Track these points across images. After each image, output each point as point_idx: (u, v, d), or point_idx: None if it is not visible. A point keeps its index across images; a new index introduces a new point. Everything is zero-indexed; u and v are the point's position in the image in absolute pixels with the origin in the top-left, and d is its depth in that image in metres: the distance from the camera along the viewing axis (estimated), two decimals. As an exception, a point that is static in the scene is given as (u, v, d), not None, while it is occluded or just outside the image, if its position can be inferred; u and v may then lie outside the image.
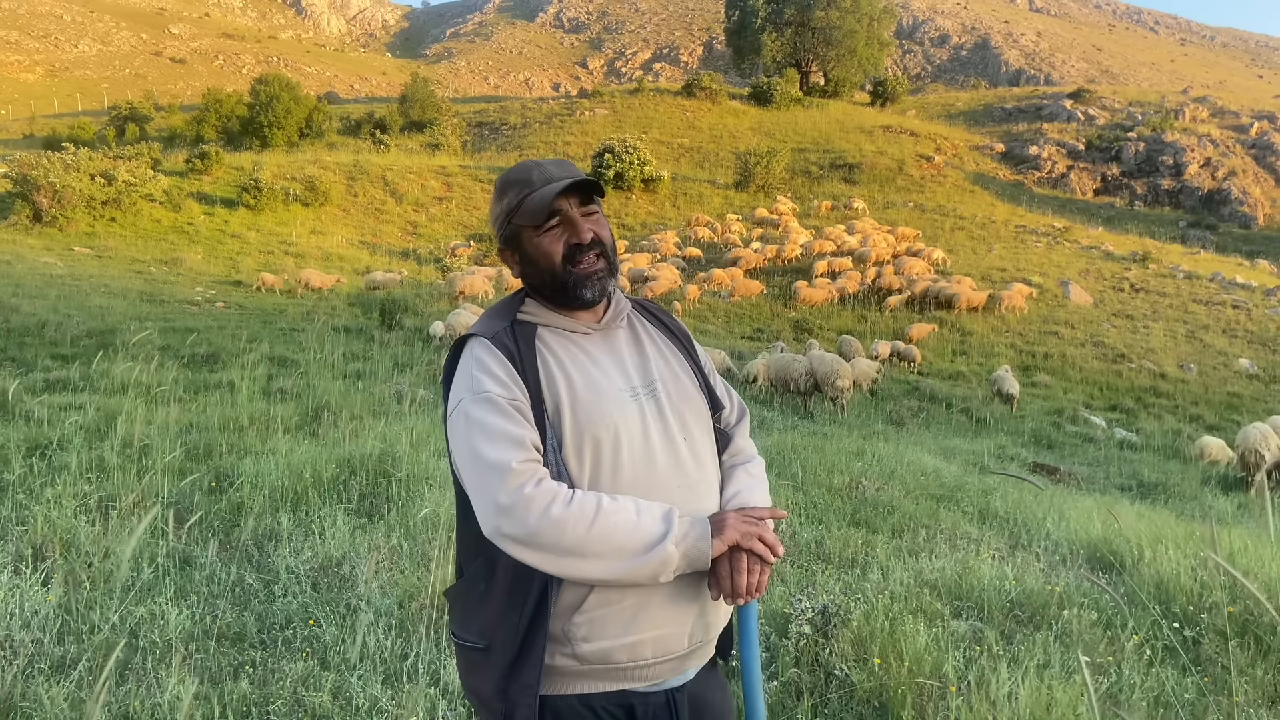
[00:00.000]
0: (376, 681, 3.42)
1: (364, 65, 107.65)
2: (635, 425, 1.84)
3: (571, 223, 1.89)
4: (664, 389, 1.92)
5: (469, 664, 1.87)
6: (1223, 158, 45.57)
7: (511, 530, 1.67)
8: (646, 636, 1.78)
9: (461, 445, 1.78)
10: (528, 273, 1.94)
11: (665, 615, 1.80)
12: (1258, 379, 21.11)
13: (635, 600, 1.77)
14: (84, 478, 5.51)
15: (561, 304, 1.92)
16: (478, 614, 1.82)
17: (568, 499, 1.68)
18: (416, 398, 9.92)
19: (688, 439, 1.90)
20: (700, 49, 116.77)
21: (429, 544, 4.72)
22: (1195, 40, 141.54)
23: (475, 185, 36.91)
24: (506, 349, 1.83)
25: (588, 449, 1.79)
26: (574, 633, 1.76)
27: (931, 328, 22.99)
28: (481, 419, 1.75)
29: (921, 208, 38.04)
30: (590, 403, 1.81)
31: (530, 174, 1.91)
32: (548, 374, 1.83)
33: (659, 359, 1.98)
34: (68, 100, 72.25)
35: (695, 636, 1.86)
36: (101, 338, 12.60)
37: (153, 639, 3.60)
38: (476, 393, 1.78)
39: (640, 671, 1.81)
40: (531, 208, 1.87)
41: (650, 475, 1.82)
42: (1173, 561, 5.15)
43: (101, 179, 27.69)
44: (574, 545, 1.66)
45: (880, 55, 60.73)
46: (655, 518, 1.72)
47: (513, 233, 1.93)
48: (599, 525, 1.67)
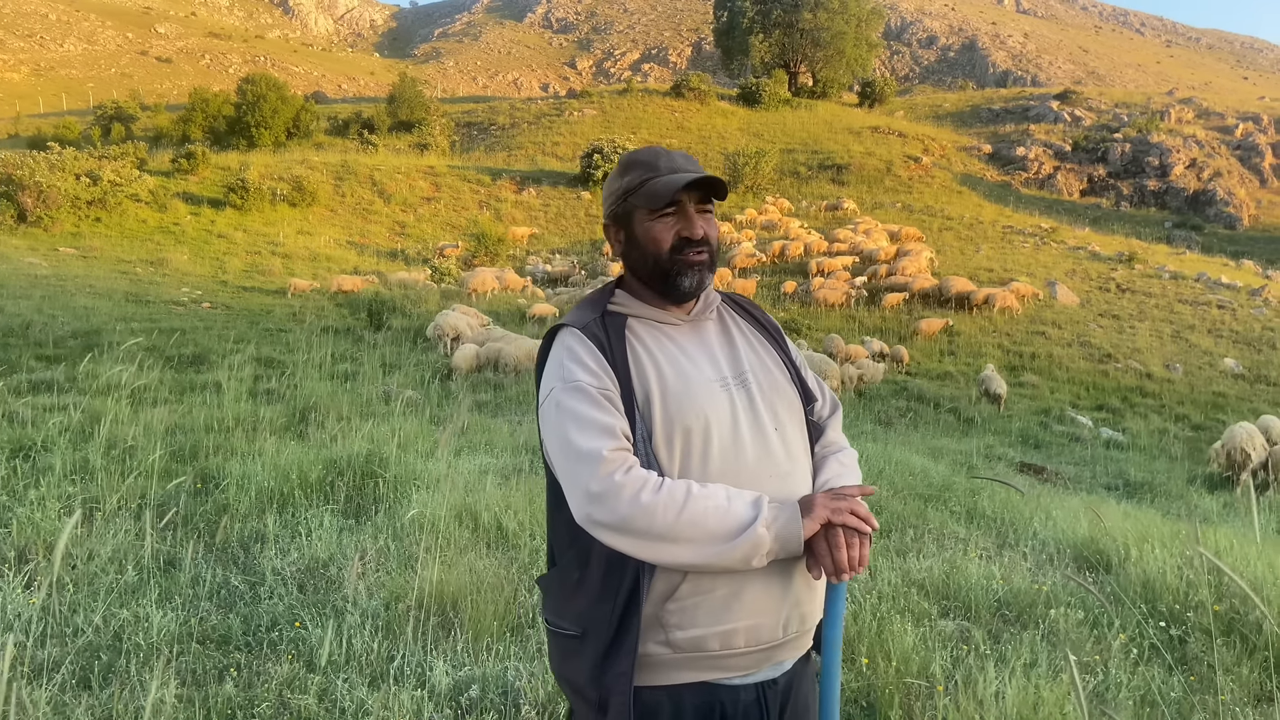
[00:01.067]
0: (363, 684, 3.40)
1: (352, 65, 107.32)
2: (725, 415, 1.85)
3: (687, 216, 1.92)
4: (755, 380, 1.94)
5: (563, 651, 1.88)
6: (1208, 159, 45.83)
7: (603, 517, 1.69)
8: (740, 625, 1.79)
9: (553, 434, 1.80)
10: (631, 254, 1.96)
11: (759, 604, 1.81)
12: (1243, 379, 21.23)
13: (728, 589, 1.78)
14: (68, 479, 5.48)
15: (657, 292, 1.95)
16: (572, 601, 1.85)
17: (657, 486, 1.70)
18: (404, 398, 9.89)
19: (779, 429, 1.91)
20: (689, 50, 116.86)
21: (416, 545, 4.71)
22: (1181, 42, 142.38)
23: (463, 185, 36.82)
24: (597, 339, 1.86)
25: (678, 438, 1.81)
26: (667, 620, 1.78)
27: (944, 322, 23.09)
28: (573, 408, 1.78)
29: (909, 208, 38.14)
30: (680, 393, 1.83)
31: (658, 159, 1.93)
32: (637, 364, 1.86)
33: (749, 351, 2.00)
34: (53, 100, 71.80)
35: (790, 627, 1.86)
36: (86, 339, 12.52)
37: (136, 641, 3.57)
38: (568, 381, 1.81)
39: (732, 660, 1.82)
40: (653, 192, 1.89)
41: (740, 465, 1.83)
42: (1159, 560, 5.17)
43: (87, 179, 27.51)
44: (664, 531, 1.67)
45: (868, 56, 60.79)
46: (745, 503, 1.73)
47: (625, 211, 1.95)
48: (689, 510, 1.68)
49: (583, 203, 36.13)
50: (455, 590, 4.10)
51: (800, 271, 27.76)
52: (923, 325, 22.80)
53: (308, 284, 22.73)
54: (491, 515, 5.20)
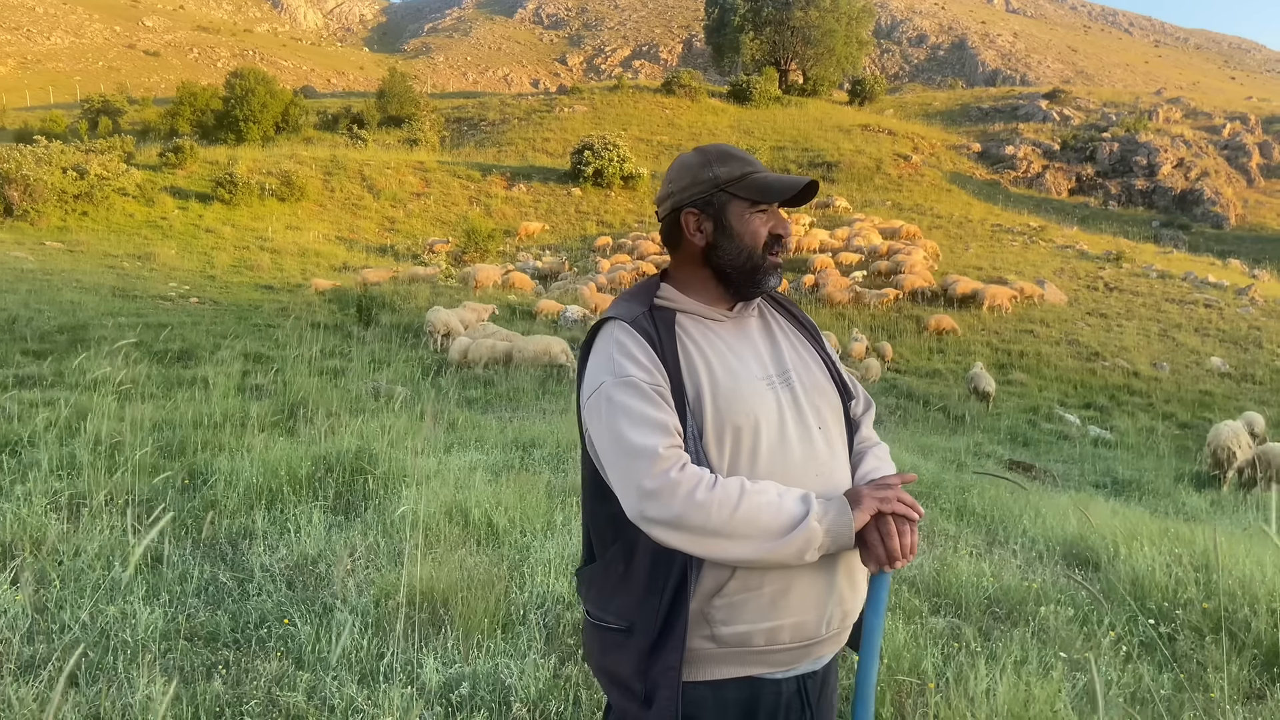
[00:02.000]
0: (352, 681, 3.38)
1: (341, 60, 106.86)
2: (773, 414, 1.86)
3: (778, 215, 1.96)
4: (798, 378, 1.95)
5: (606, 645, 1.87)
6: (1195, 158, 46.05)
7: (657, 514, 1.68)
8: (786, 622, 1.81)
9: (603, 428, 1.78)
10: (723, 245, 1.93)
11: (805, 601, 1.82)
12: (1229, 377, 21.35)
13: (776, 586, 1.79)
14: (54, 475, 5.43)
15: (735, 286, 1.95)
16: (617, 595, 1.84)
17: (711, 483, 1.70)
18: (394, 394, 9.86)
19: (822, 428, 1.93)
20: (680, 47, 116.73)
21: (406, 542, 4.69)
22: (1169, 42, 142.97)
23: (453, 181, 36.71)
24: (647, 333, 1.84)
25: (728, 437, 1.81)
26: (713, 615, 1.79)
27: (950, 320, 23.18)
28: (625, 403, 1.76)
29: (899, 206, 38.21)
30: (730, 391, 1.83)
31: (750, 158, 1.95)
32: (688, 360, 1.85)
33: (790, 349, 2.00)
34: (40, 93, 71.26)
35: (833, 623, 1.88)
36: (73, 333, 12.44)
37: (124, 638, 3.54)
38: (619, 376, 1.79)
39: (776, 656, 1.83)
40: (766, 186, 1.91)
41: (787, 463, 1.84)
42: (1148, 558, 5.19)
43: (74, 172, 27.31)
44: (719, 527, 1.67)
45: (858, 54, 60.86)
46: (795, 498, 1.74)
47: (720, 202, 1.93)
48: (743, 507, 1.68)
49: (573, 199, 36.07)
50: (445, 587, 4.08)
51: (804, 269, 27.73)
52: (931, 321, 22.98)
53: (329, 283, 22.65)
54: (482, 512, 5.19)
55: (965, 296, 25.08)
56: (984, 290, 25.23)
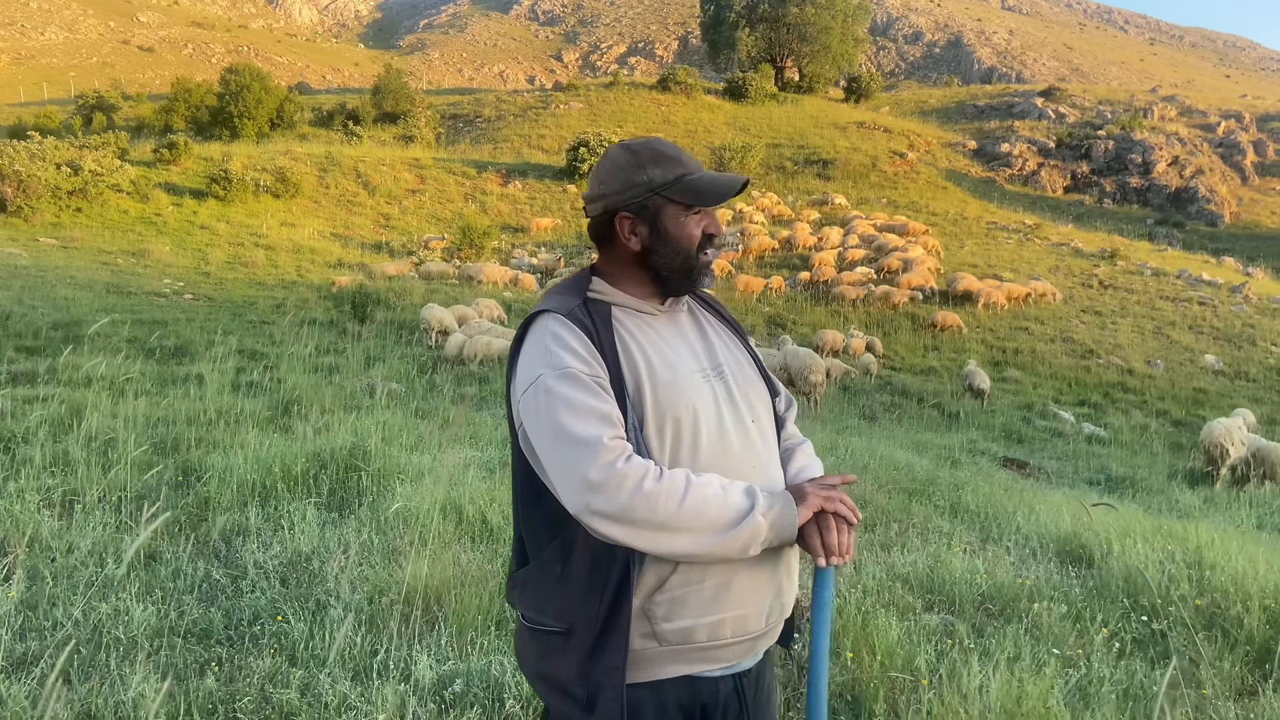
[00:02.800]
0: (346, 678, 3.37)
1: (336, 56, 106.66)
2: (710, 406, 1.86)
3: (711, 215, 1.95)
4: (730, 372, 1.96)
5: (544, 649, 1.84)
6: (1190, 156, 46.10)
7: (603, 506, 1.65)
8: (728, 615, 1.80)
9: (542, 422, 1.74)
10: (656, 249, 1.92)
11: (746, 594, 1.82)
12: (1223, 375, 21.40)
13: (718, 579, 1.79)
14: (47, 471, 5.42)
15: (669, 285, 1.95)
16: (556, 597, 1.81)
17: (657, 475, 1.68)
18: (388, 391, 9.84)
19: (755, 421, 1.94)
20: (675, 43, 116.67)
21: (400, 539, 4.68)
22: (1164, 40, 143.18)
23: (448, 178, 36.66)
24: (583, 325, 1.82)
25: (669, 428, 1.80)
26: (655, 611, 1.77)
27: (958, 320, 23.22)
28: (565, 394, 1.73)
29: (895, 204, 38.23)
30: (669, 383, 1.83)
31: (682, 155, 1.93)
32: (626, 353, 1.84)
33: (721, 344, 2.02)
34: (33, 88, 71.02)
35: (771, 617, 1.89)
36: (67, 330, 12.40)
37: (116, 635, 3.53)
38: (558, 368, 1.75)
39: (718, 652, 1.82)
40: (700, 190, 1.90)
41: (726, 455, 1.84)
42: (1140, 555, 5.20)
43: (68, 168, 27.23)
44: (666, 520, 1.66)
45: (854, 52, 60.85)
46: (740, 492, 1.74)
47: (655, 205, 1.91)
48: (690, 500, 1.67)
49: (568, 196, 36.03)
50: (439, 584, 4.07)
51: (804, 266, 27.75)
52: (939, 317, 23.11)
53: (349, 279, 22.80)
54: (476, 509, 5.18)
55: (964, 294, 25.12)
56: (999, 288, 25.45)
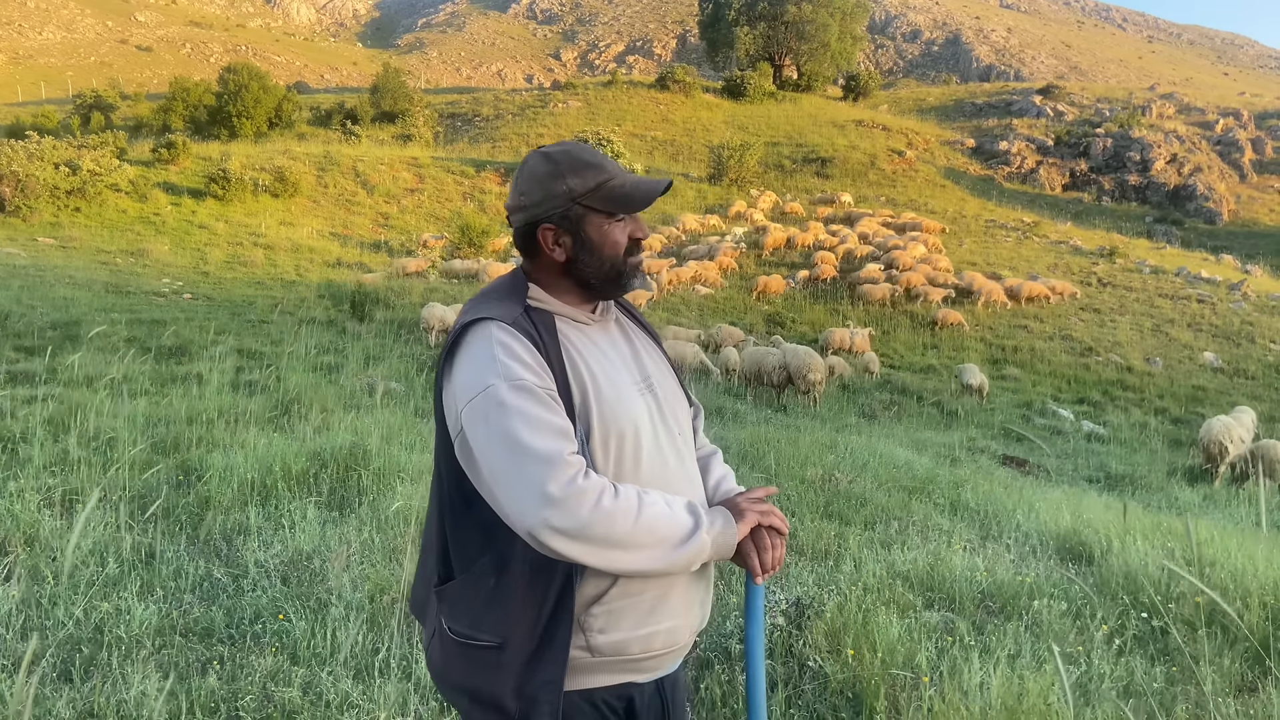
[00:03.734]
0: (347, 676, 3.38)
1: (334, 55, 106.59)
2: (646, 421, 1.86)
3: (637, 219, 1.93)
4: (658, 385, 1.95)
5: (474, 663, 1.77)
6: (1189, 154, 46.12)
7: (562, 523, 1.61)
8: (661, 628, 1.81)
9: (494, 434, 1.67)
10: (583, 259, 1.87)
11: (680, 606, 1.84)
12: (1222, 372, 21.42)
13: (656, 592, 1.79)
14: (47, 471, 5.42)
15: (599, 292, 1.92)
16: (489, 610, 1.76)
17: (614, 491, 1.67)
18: (388, 390, 9.84)
19: (682, 434, 1.95)
20: (674, 42, 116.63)
21: (401, 537, 4.69)
22: (1163, 38, 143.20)
23: (447, 177, 36.64)
24: (530, 335, 1.77)
25: (613, 443, 1.79)
26: (590, 624, 1.76)
27: (959, 317, 23.26)
28: (521, 407, 1.67)
29: (893, 202, 38.24)
30: (613, 399, 1.81)
31: (603, 161, 1.89)
32: (572, 365, 1.80)
33: (647, 355, 2.00)
34: (31, 88, 70.94)
35: (695, 627, 1.91)
36: (66, 329, 12.39)
37: (118, 634, 3.54)
38: (510, 379, 1.69)
39: (648, 663, 1.83)
40: (625, 197, 1.87)
41: (664, 469, 1.85)
42: (1140, 552, 5.21)
43: (66, 168, 27.19)
44: (622, 537, 1.65)
45: (853, 50, 60.82)
46: (683, 509, 1.74)
47: (577, 215, 1.86)
48: (643, 517, 1.67)
49: (567, 195, 36.02)
50: (440, 582, 4.07)
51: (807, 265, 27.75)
52: (940, 315, 23.22)
53: (373, 276, 23.13)
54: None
55: (965, 291, 25.18)
56: (1020, 286, 25.60)
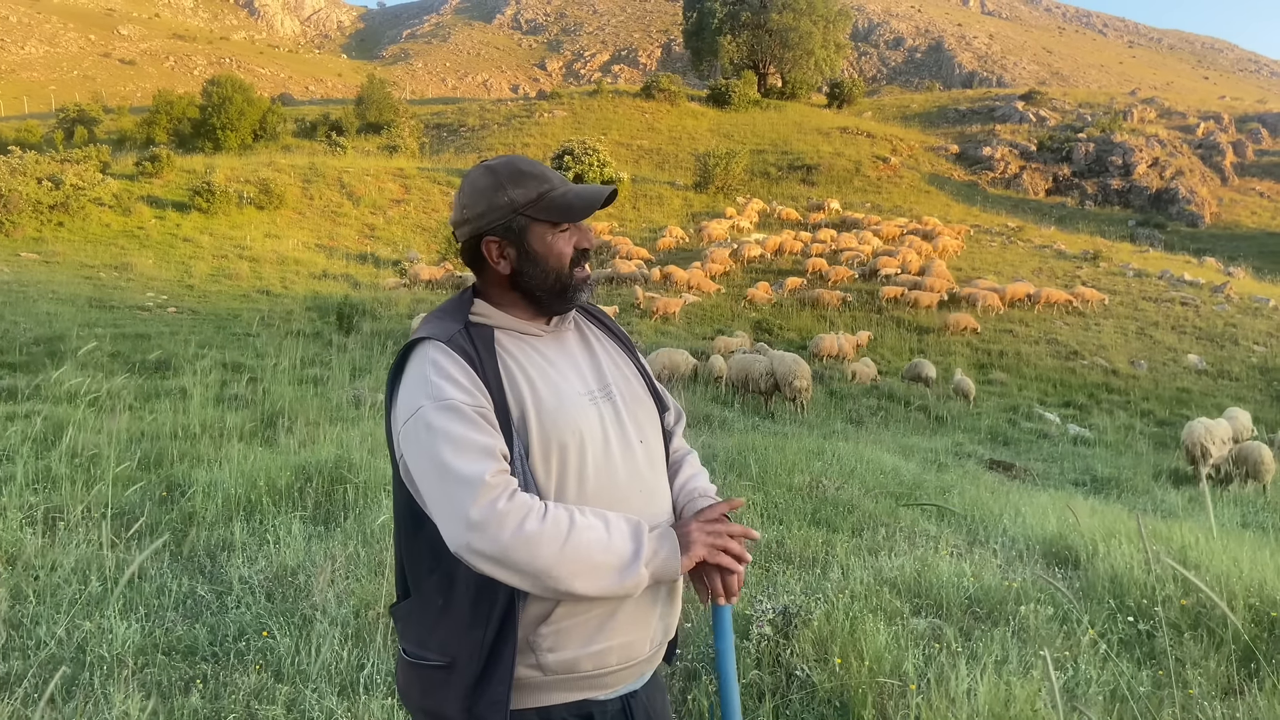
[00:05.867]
0: (332, 693, 3.36)
1: (319, 67, 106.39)
2: (596, 430, 1.81)
3: (582, 229, 1.90)
4: (618, 392, 1.91)
5: (426, 683, 1.78)
6: (1170, 158, 46.45)
7: (482, 547, 1.60)
8: (613, 644, 1.77)
9: (422, 456, 1.68)
10: (527, 270, 1.86)
11: (631, 623, 1.79)
12: (1206, 374, 21.55)
13: (603, 610, 1.75)
14: (30, 489, 5.38)
15: (546, 305, 1.89)
16: (437, 630, 1.76)
17: (541, 514, 1.63)
18: (375, 402, 9.81)
19: (643, 441, 1.90)
20: (659, 51, 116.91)
21: (386, 551, 4.66)
22: (1143, 42, 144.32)
23: (433, 188, 36.61)
24: (465, 353, 1.75)
25: (555, 456, 1.75)
26: (539, 643, 1.73)
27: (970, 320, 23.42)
28: (446, 428, 1.66)
29: (879, 208, 38.37)
30: (555, 408, 1.77)
31: (545, 171, 1.87)
32: (510, 379, 1.77)
33: (609, 362, 1.96)
34: (14, 103, 70.57)
35: (655, 640, 1.87)
36: (49, 345, 12.32)
37: (100, 654, 3.50)
38: (438, 400, 1.68)
39: (604, 679, 1.79)
40: (566, 206, 1.85)
41: (613, 482, 1.80)
42: (1126, 556, 5.23)
43: (49, 183, 27.05)
44: (545, 564, 1.61)
45: (836, 57, 61.11)
46: (625, 535, 1.69)
47: (519, 226, 1.85)
48: (571, 543, 1.62)
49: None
50: (426, 596, 4.05)
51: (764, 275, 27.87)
52: (950, 319, 23.45)
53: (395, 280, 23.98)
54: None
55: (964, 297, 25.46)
56: (1040, 293, 25.89)
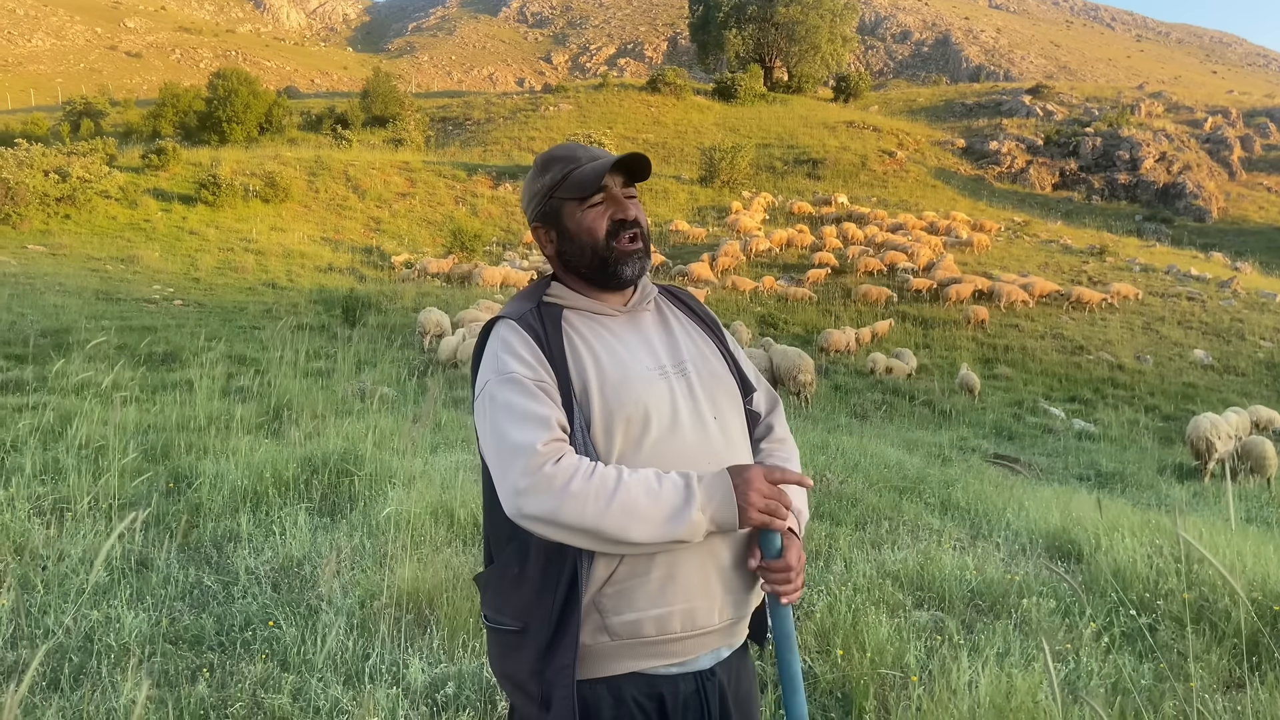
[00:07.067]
0: (337, 683, 3.38)
1: (324, 60, 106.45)
2: (664, 403, 1.84)
3: (616, 200, 1.91)
4: (694, 369, 1.94)
5: (503, 647, 1.86)
6: (1178, 152, 46.30)
7: (532, 510, 1.66)
8: (675, 609, 1.79)
9: (485, 426, 1.78)
10: (566, 249, 1.93)
11: (693, 588, 1.80)
12: (1212, 369, 21.51)
13: (662, 572, 1.77)
14: (38, 480, 5.41)
15: (598, 282, 1.93)
16: (513, 596, 1.82)
17: (589, 472, 1.68)
18: (380, 395, 9.84)
19: (718, 417, 1.91)
20: (664, 44, 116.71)
21: (392, 543, 4.69)
22: (1151, 36, 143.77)
23: (439, 181, 36.62)
24: (533, 329, 1.83)
25: (618, 427, 1.79)
26: (604, 605, 1.77)
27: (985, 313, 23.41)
28: (508, 399, 1.75)
29: (884, 203, 38.31)
30: (619, 381, 1.82)
31: (576, 151, 1.93)
32: (574, 354, 1.84)
33: (687, 341, 1.99)
34: (21, 96, 70.72)
35: (725, 613, 1.86)
36: (56, 337, 12.37)
37: (108, 643, 3.53)
38: (502, 374, 1.79)
39: (669, 646, 1.80)
40: (580, 179, 1.89)
41: (678, 452, 1.82)
42: (1129, 550, 5.24)
43: (56, 175, 27.13)
44: (594, 518, 1.65)
45: (843, 51, 60.96)
46: (677, 486, 1.71)
47: (554, 208, 1.92)
48: (620, 497, 1.66)
49: (559, 198, 36.00)
50: (431, 587, 4.08)
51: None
52: (975, 311, 23.49)
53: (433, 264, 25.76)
54: (468, 512, 5.19)
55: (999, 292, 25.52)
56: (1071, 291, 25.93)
